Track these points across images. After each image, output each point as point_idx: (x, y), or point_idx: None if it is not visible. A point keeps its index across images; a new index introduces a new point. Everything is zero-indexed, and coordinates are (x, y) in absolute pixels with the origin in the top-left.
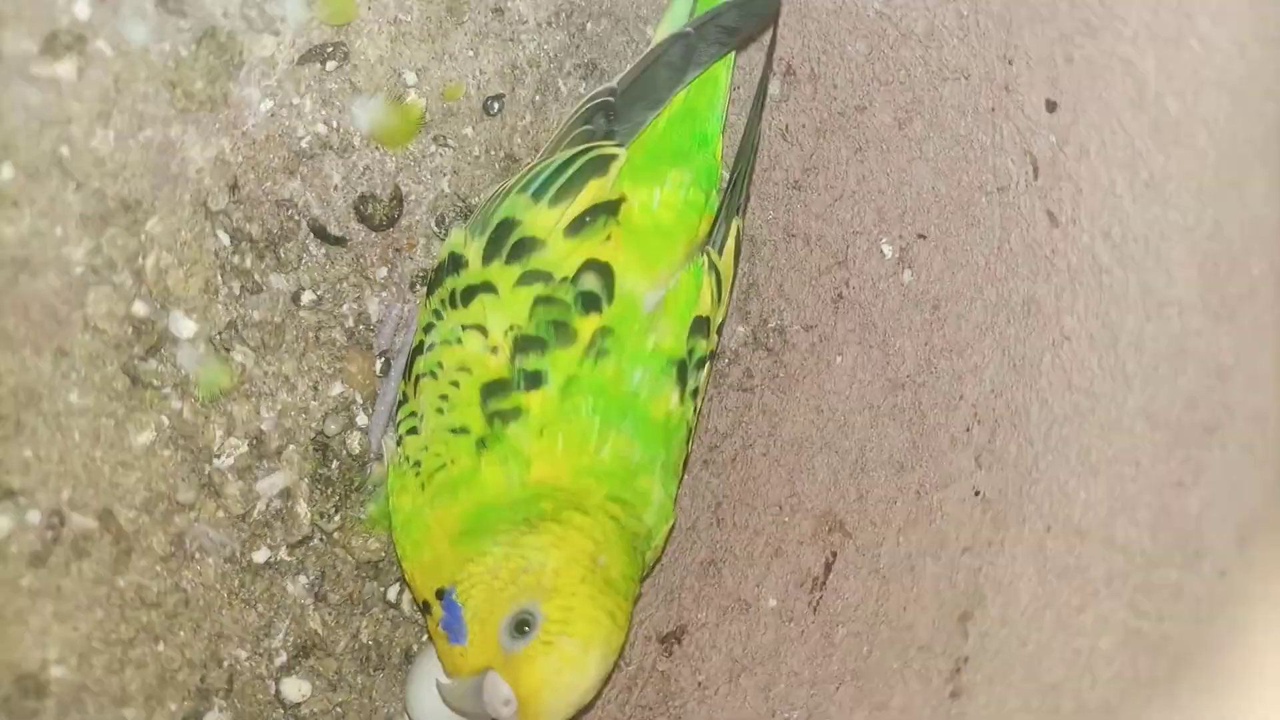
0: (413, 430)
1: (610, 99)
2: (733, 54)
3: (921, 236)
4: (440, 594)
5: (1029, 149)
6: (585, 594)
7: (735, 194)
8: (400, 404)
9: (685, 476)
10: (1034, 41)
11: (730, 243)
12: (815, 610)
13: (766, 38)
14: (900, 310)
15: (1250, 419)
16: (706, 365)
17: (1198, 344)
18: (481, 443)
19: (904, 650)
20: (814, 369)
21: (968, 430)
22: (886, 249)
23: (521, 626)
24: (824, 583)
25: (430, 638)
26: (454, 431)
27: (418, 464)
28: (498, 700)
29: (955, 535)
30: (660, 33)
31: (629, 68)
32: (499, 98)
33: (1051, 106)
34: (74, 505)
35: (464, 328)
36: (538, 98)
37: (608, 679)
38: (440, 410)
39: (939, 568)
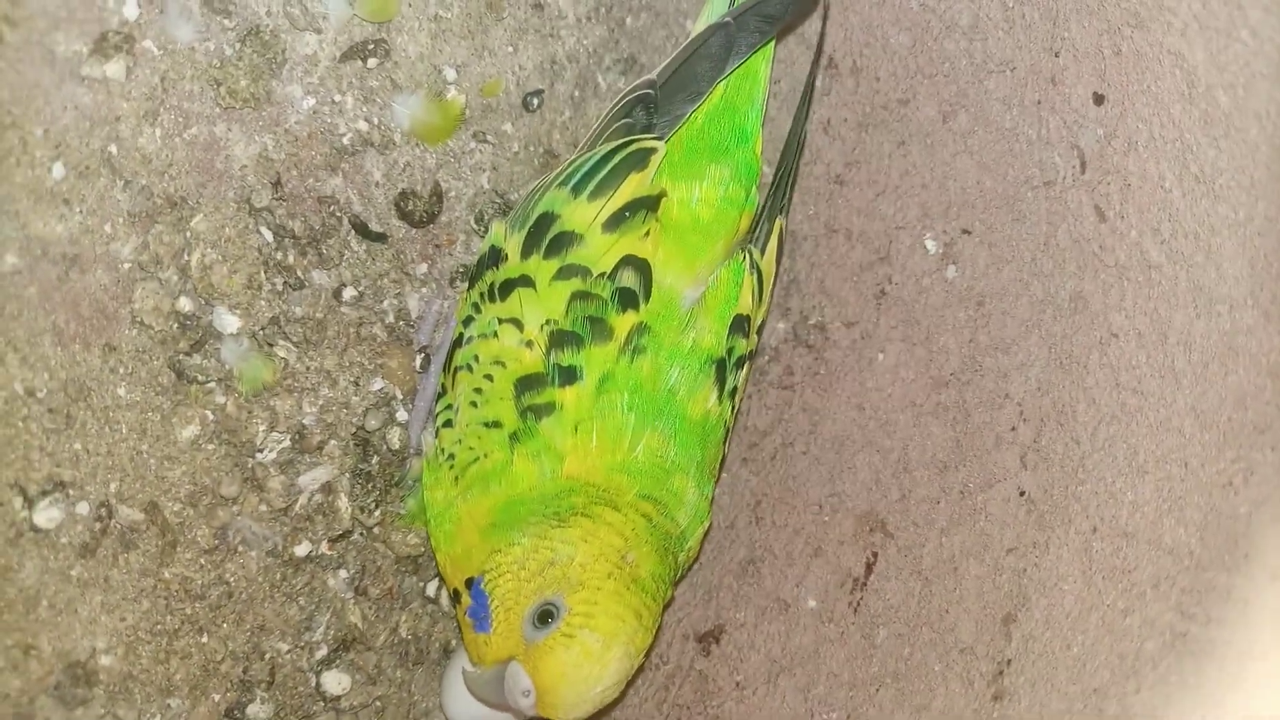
0: (448, 423)
1: (650, 91)
2: (772, 46)
3: (966, 232)
4: (469, 583)
5: (1076, 143)
6: (611, 590)
7: (779, 192)
8: (439, 396)
9: (724, 474)
10: (1081, 33)
11: (773, 241)
12: (856, 611)
13: (806, 30)
14: (944, 307)
15: None
16: (746, 365)
17: (1248, 342)
18: (514, 437)
19: (946, 652)
20: (855, 366)
21: (1013, 429)
22: (930, 244)
23: (545, 618)
24: (865, 583)
25: (459, 626)
26: (487, 425)
27: (452, 456)
28: (517, 690)
29: (999, 536)
30: (699, 24)
31: (668, 60)
32: (538, 93)
33: (1099, 99)
34: (121, 498)
35: (500, 321)
36: (577, 93)
37: (631, 678)
38: (474, 404)
39: (982, 569)
